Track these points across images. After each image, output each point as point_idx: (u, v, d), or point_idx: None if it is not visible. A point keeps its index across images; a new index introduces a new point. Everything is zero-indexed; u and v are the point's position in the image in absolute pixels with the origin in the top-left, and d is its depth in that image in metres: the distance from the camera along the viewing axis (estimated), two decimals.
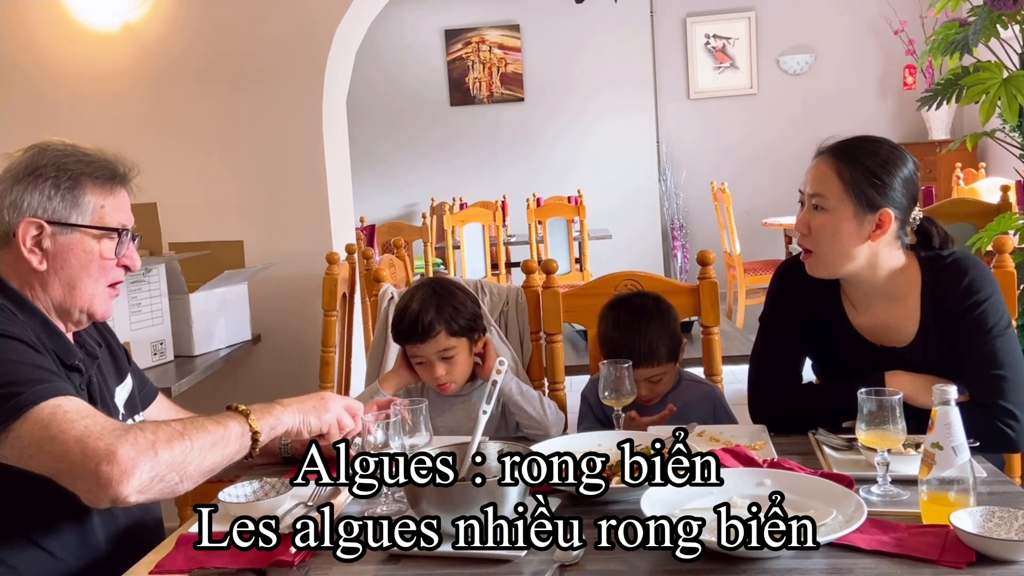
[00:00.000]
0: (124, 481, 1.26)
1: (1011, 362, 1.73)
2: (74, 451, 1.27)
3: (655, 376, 2.06)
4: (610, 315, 2.11)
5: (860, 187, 1.75)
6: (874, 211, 1.76)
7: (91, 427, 1.29)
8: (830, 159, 1.80)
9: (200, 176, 3.53)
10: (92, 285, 1.53)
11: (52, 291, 1.51)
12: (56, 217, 1.49)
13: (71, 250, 1.51)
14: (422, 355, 2.02)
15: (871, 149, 1.79)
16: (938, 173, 6.73)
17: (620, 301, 2.14)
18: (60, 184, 1.50)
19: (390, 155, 8.00)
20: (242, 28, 3.47)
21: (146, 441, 1.30)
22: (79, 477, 1.27)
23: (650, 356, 2.03)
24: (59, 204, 1.49)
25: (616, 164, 7.82)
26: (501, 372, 1.61)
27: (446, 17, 7.90)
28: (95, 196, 1.52)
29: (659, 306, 2.09)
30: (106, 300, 1.57)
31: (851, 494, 1.36)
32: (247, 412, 1.47)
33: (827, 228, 1.78)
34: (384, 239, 5.26)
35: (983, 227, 2.90)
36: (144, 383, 1.81)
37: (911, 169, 1.80)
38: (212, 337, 3.07)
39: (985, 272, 1.80)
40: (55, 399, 1.32)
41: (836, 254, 1.79)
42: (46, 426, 1.29)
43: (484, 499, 1.33)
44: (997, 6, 2.74)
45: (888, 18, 7.20)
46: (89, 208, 1.52)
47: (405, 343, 2.06)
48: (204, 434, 1.38)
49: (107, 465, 1.25)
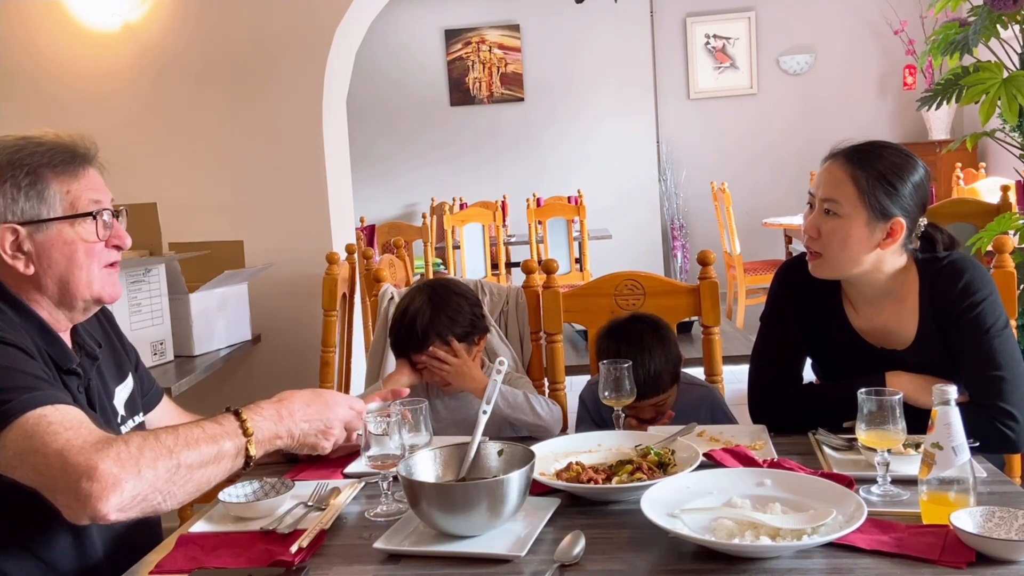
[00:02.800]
0: (104, 499, 1.21)
1: (1009, 362, 1.73)
2: (54, 465, 1.22)
3: (660, 401, 2.05)
4: (609, 346, 2.06)
5: (875, 195, 1.73)
6: (887, 220, 1.75)
7: (73, 440, 1.24)
8: (845, 164, 1.77)
9: (200, 176, 3.53)
10: (86, 273, 1.49)
11: (48, 291, 1.48)
12: (27, 217, 1.44)
13: (52, 245, 1.46)
14: (421, 361, 2.04)
15: (886, 155, 1.77)
16: (938, 173, 6.72)
17: (617, 330, 2.09)
18: (20, 182, 1.44)
19: (390, 155, 8.00)
20: (242, 28, 3.47)
21: (130, 457, 1.24)
22: (59, 492, 1.23)
23: (656, 388, 2.02)
24: (25, 203, 1.44)
25: (616, 164, 7.82)
26: (501, 372, 1.61)
27: (446, 17, 7.90)
28: (59, 184, 1.47)
29: (658, 332, 2.06)
30: (108, 282, 1.52)
31: (851, 494, 1.36)
32: (247, 429, 1.40)
33: (838, 234, 1.77)
34: (384, 239, 5.26)
35: (983, 227, 2.90)
36: (150, 385, 1.79)
37: (922, 176, 1.78)
38: (212, 337, 3.07)
39: (982, 273, 1.79)
40: (41, 408, 1.27)
41: (845, 259, 1.78)
42: (29, 437, 1.25)
43: (484, 499, 1.33)
44: (997, 6, 2.74)
45: (888, 18, 7.19)
46: (56, 199, 1.46)
47: (404, 351, 2.06)
48: (194, 453, 1.31)
49: (87, 482, 1.20)
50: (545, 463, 1.60)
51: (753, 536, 1.27)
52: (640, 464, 1.56)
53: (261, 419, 1.43)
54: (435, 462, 1.50)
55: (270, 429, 1.44)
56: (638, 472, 1.53)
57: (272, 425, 1.45)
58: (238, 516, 1.50)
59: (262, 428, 1.42)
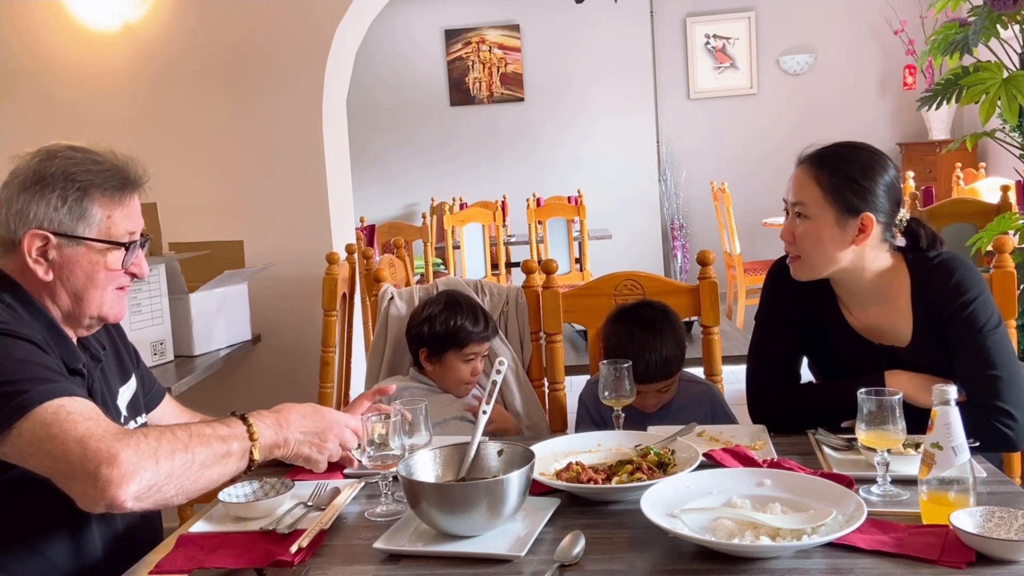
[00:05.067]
0: (123, 485, 1.23)
1: (1004, 361, 1.73)
2: (74, 451, 1.25)
3: (665, 387, 2.06)
4: (621, 329, 2.07)
5: (839, 193, 1.78)
6: (855, 216, 1.77)
7: (93, 429, 1.27)
8: (809, 167, 1.83)
9: (200, 176, 3.53)
10: (100, 294, 1.52)
11: (60, 300, 1.50)
12: (62, 229, 1.47)
13: (77, 262, 1.49)
14: (477, 352, 2.15)
15: (848, 155, 1.82)
16: (938, 173, 6.73)
17: (629, 314, 2.10)
18: (68, 195, 1.46)
19: (390, 155, 8.00)
20: (242, 28, 3.47)
21: (149, 448, 1.28)
22: (76, 478, 1.25)
23: (665, 371, 2.02)
24: (66, 216, 1.47)
25: (616, 164, 7.82)
26: (501, 372, 1.61)
27: (446, 17, 7.90)
28: (103, 207, 1.49)
29: (668, 318, 2.07)
30: (116, 303, 1.55)
31: (851, 494, 1.36)
32: (253, 433, 1.43)
33: (810, 235, 1.81)
34: (384, 239, 5.26)
35: (983, 227, 2.91)
36: (152, 384, 1.80)
37: (891, 173, 1.83)
38: (212, 337, 3.07)
39: (972, 272, 1.80)
40: (60, 399, 1.30)
41: (821, 259, 1.82)
42: (48, 425, 1.27)
43: (484, 499, 1.33)
44: (997, 6, 2.74)
45: (888, 18, 7.19)
46: (96, 220, 1.49)
47: (467, 343, 2.14)
48: (207, 450, 1.35)
49: (107, 468, 1.23)
50: (545, 463, 1.60)
51: (753, 536, 1.27)
52: (640, 464, 1.56)
53: (264, 426, 1.46)
54: (435, 462, 1.50)
55: (271, 437, 1.47)
56: (638, 472, 1.53)
57: (273, 433, 1.48)
58: (238, 516, 1.50)
59: (265, 435, 1.46)
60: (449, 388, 2.17)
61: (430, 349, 2.16)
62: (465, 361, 2.14)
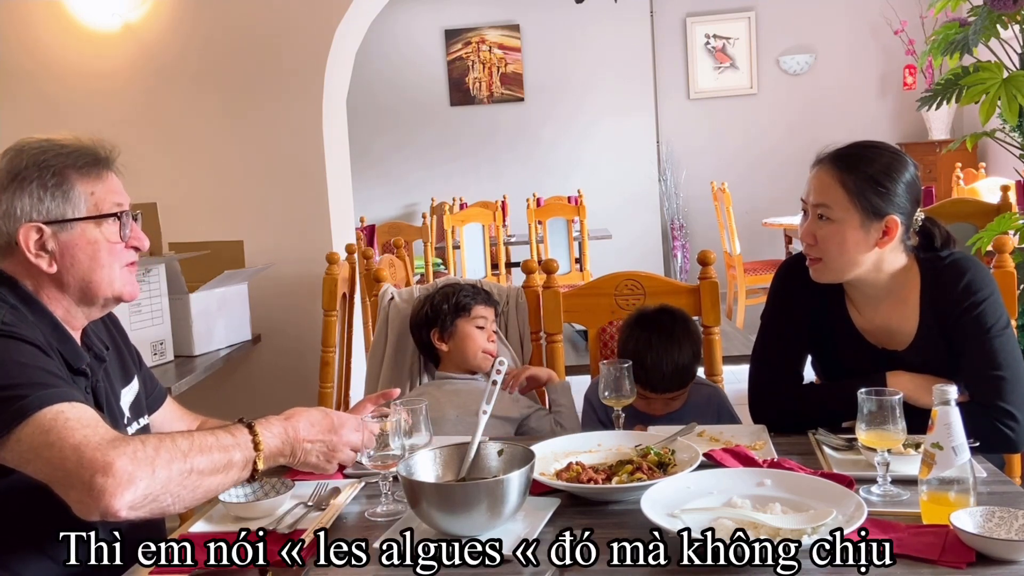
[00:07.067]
0: (118, 494, 1.23)
1: (1010, 362, 1.73)
2: (70, 459, 1.24)
3: (675, 396, 2.05)
4: (640, 335, 2.03)
5: (865, 196, 1.74)
6: (880, 219, 1.75)
7: (90, 437, 1.26)
8: (831, 168, 1.78)
9: (200, 176, 3.53)
10: (108, 272, 1.52)
11: (69, 289, 1.50)
12: (52, 216, 1.48)
13: (76, 245, 1.49)
14: (485, 316, 2.18)
15: (872, 156, 1.78)
16: (938, 173, 6.72)
17: (649, 320, 2.07)
18: (47, 183, 1.48)
19: (390, 155, 8.00)
20: (242, 28, 3.47)
21: (145, 457, 1.27)
22: (72, 487, 1.25)
23: (681, 381, 2.02)
24: (51, 203, 1.48)
25: (616, 164, 7.82)
26: (501, 372, 1.61)
27: (446, 17, 7.90)
28: (84, 185, 1.51)
29: (687, 326, 2.06)
30: (128, 280, 1.56)
31: (851, 494, 1.36)
32: (259, 443, 1.42)
33: (834, 238, 1.77)
34: (384, 239, 5.26)
35: (983, 227, 2.90)
36: (154, 386, 1.80)
37: (912, 172, 1.79)
38: (212, 337, 3.07)
39: (984, 272, 1.79)
40: (59, 405, 1.30)
41: (844, 262, 1.78)
42: (46, 432, 1.27)
43: (484, 499, 1.33)
44: (997, 6, 2.74)
45: (888, 18, 7.19)
46: (81, 199, 1.50)
47: (472, 307, 2.17)
48: (206, 459, 1.34)
49: (102, 477, 1.22)
50: (545, 463, 1.60)
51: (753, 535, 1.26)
52: (640, 464, 1.56)
53: (270, 435, 1.46)
54: (435, 462, 1.50)
55: (276, 446, 1.47)
56: (638, 472, 1.53)
57: (279, 443, 1.47)
58: (238, 516, 1.50)
59: (270, 444, 1.45)
60: (472, 362, 2.15)
61: (440, 326, 2.15)
62: (477, 327, 2.15)
